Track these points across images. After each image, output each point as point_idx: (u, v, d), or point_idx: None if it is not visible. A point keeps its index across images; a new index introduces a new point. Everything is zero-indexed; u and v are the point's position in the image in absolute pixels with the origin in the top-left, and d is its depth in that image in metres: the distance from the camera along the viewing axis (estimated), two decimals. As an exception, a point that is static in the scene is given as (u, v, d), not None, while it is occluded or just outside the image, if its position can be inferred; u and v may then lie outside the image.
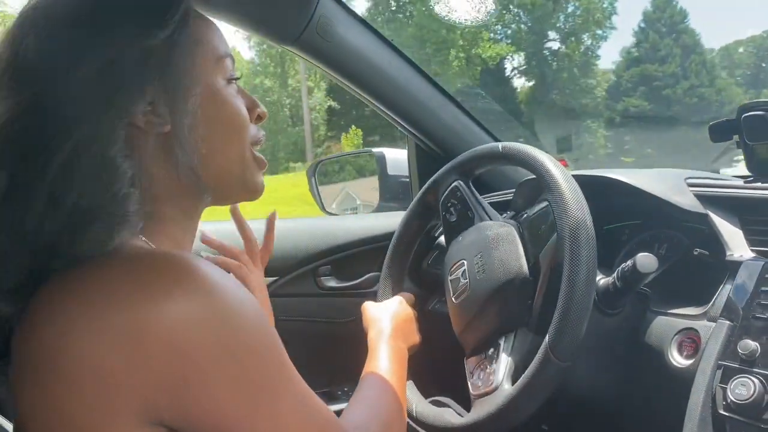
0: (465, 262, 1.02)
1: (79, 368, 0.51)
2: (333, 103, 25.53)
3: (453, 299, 1.03)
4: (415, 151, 1.51)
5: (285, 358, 0.60)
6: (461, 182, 1.09)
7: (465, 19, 1.23)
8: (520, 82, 27.96)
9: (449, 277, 1.05)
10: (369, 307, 1.08)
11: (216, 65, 0.65)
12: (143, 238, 0.61)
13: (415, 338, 1.03)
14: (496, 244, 0.98)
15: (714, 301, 0.92)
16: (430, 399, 1.07)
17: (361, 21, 1.17)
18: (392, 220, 1.54)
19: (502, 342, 0.94)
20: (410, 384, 1.07)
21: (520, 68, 27.40)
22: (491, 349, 0.96)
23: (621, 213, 1.17)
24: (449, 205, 1.10)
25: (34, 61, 0.57)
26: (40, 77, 0.57)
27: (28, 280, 0.56)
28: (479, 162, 1.08)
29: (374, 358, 0.93)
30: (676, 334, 0.93)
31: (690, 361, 0.90)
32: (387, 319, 1.02)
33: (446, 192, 1.10)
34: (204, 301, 0.53)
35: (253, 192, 0.72)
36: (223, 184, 0.68)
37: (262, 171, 0.72)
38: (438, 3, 1.19)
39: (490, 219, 1.04)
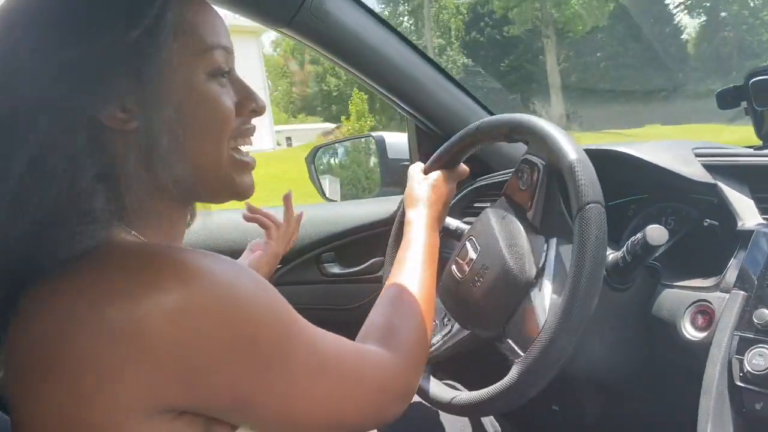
0: (477, 254, 0.99)
1: (79, 366, 0.50)
2: (467, 60, 22.79)
3: (453, 267, 1.02)
4: (415, 133, 1.48)
5: (291, 315, 0.59)
6: (544, 168, 0.94)
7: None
8: (686, 20, 23.14)
9: (465, 242, 1.02)
10: (416, 180, 1.04)
11: (199, 57, 0.61)
12: (133, 232, 0.60)
13: (444, 221, 1.04)
14: (509, 280, 0.91)
15: (726, 272, 0.90)
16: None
17: (362, 5, 1.14)
18: (393, 205, 1.53)
19: (454, 328, 0.97)
20: None
21: (686, 2, 22.81)
22: (447, 322, 1.00)
23: (628, 186, 1.15)
24: (523, 171, 0.98)
25: None
26: (4, 70, 0.55)
27: (10, 280, 0.55)
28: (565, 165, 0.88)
29: (409, 249, 0.90)
30: (688, 307, 0.91)
31: (704, 334, 0.88)
32: (429, 203, 0.99)
33: (525, 157, 0.98)
34: (199, 287, 0.52)
35: (236, 194, 0.68)
36: (201, 184, 0.64)
37: (248, 172, 0.68)
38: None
39: (538, 230, 0.93)
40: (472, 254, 0.98)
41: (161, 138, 0.58)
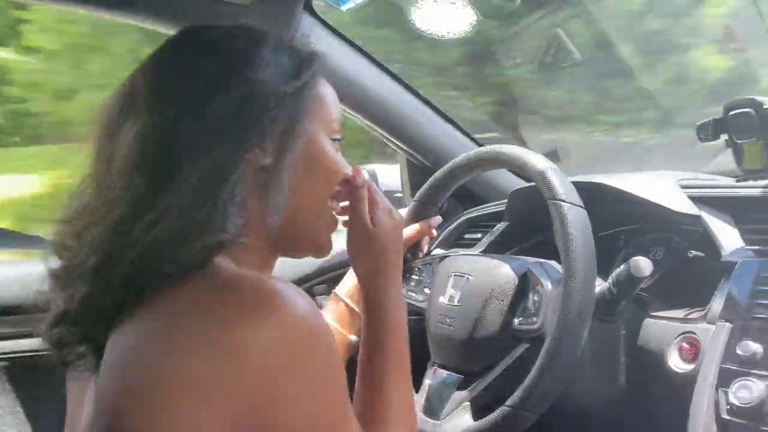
0: (457, 294, 1.01)
1: (172, 377, 0.53)
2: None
3: (439, 298, 1.04)
4: (406, 166, 1.50)
5: (346, 390, 0.62)
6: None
7: (447, 32, 1.23)
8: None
9: (451, 276, 1.04)
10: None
11: (326, 123, 0.70)
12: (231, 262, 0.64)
13: None
14: (484, 334, 0.96)
15: (712, 303, 0.90)
16: None
17: (343, 37, 1.16)
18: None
19: None
20: None
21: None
22: None
23: (617, 218, 1.15)
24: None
25: (172, 86, 0.63)
26: (178, 102, 0.62)
27: (129, 285, 0.59)
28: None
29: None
30: (675, 339, 0.92)
31: (691, 366, 0.88)
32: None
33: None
34: (296, 329, 0.56)
35: (320, 248, 0.74)
36: (297, 231, 0.70)
37: (333, 231, 0.74)
38: (416, 18, 1.18)
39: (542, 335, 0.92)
40: (453, 294, 1.01)
41: (284, 177, 0.65)
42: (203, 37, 0.67)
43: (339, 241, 1.55)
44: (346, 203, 0.77)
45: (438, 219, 1.14)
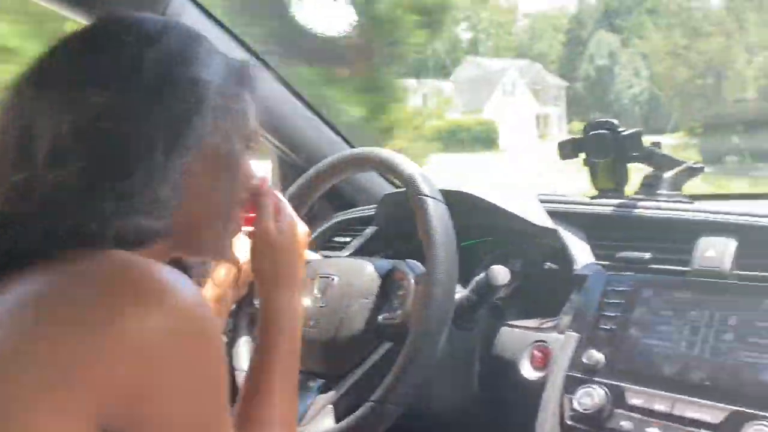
0: (321, 296, 0.99)
1: (48, 355, 0.51)
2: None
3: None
4: (278, 163, 1.46)
5: (226, 390, 0.60)
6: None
7: (329, 30, 1.21)
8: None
9: (317, 278, 1.02)
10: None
11: (245, 132, 0.70)
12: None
13: None
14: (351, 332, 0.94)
15: (563, 314, 0.94)
16: None
17: (214, 19, 1.11)
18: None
19: None
20: None
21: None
22: None
23: (478, 228, 1.18)
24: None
25: (107, 73, 0.60)
26: (117, 90, 0.60)
27: (16, 245, 0.57)
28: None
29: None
30: (528, 347, 0.95)
31: (541, 374, 0.91)
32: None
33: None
34: (183, 320, 0.55)
35: (220, 252, 0.73)
36: (203, 234, 0.69)
37: (234, 236, 0.74)
38: (299, 13, 1.15)
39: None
40: (317, 293, 0.98)
41: (207, 180, 0.65)
42: (139, 28, 0.65)
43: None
44: (251, 214, 0.77)
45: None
